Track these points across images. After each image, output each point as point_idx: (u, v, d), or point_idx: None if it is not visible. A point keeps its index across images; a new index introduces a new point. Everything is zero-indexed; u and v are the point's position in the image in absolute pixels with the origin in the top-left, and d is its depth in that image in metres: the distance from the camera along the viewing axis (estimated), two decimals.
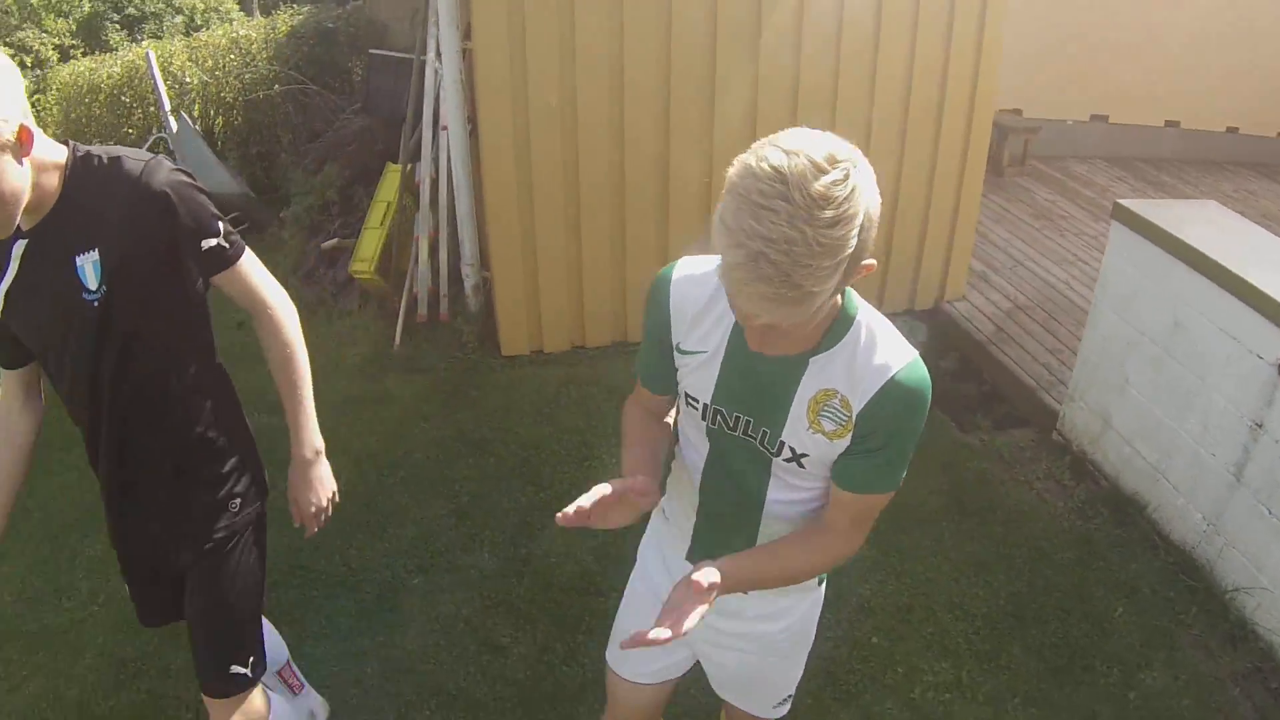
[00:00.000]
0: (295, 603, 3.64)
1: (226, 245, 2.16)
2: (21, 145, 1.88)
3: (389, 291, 5.60)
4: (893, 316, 4.83)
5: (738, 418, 1.93)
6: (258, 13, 13.08)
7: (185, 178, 2.10)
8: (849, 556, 1.94)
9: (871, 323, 1.80)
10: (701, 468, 2.09)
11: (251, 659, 2.45)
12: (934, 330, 5.35)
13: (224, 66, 8.07)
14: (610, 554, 3.73)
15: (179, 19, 13.56)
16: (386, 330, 5.45)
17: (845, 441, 1.81)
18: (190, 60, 8.23)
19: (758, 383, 1.88)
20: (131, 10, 13.48)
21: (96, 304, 2.10)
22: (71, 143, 2.07)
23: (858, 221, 1.48)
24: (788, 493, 1.97)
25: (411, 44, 5.79)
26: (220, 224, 2.13)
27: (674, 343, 1.97)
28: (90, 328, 2.15)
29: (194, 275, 2.14)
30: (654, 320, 1.97)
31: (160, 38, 10.96)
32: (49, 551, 4.28)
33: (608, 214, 4.92)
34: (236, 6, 14.33)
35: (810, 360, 1.80)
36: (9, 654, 3.70)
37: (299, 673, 3.07)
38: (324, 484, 2.41)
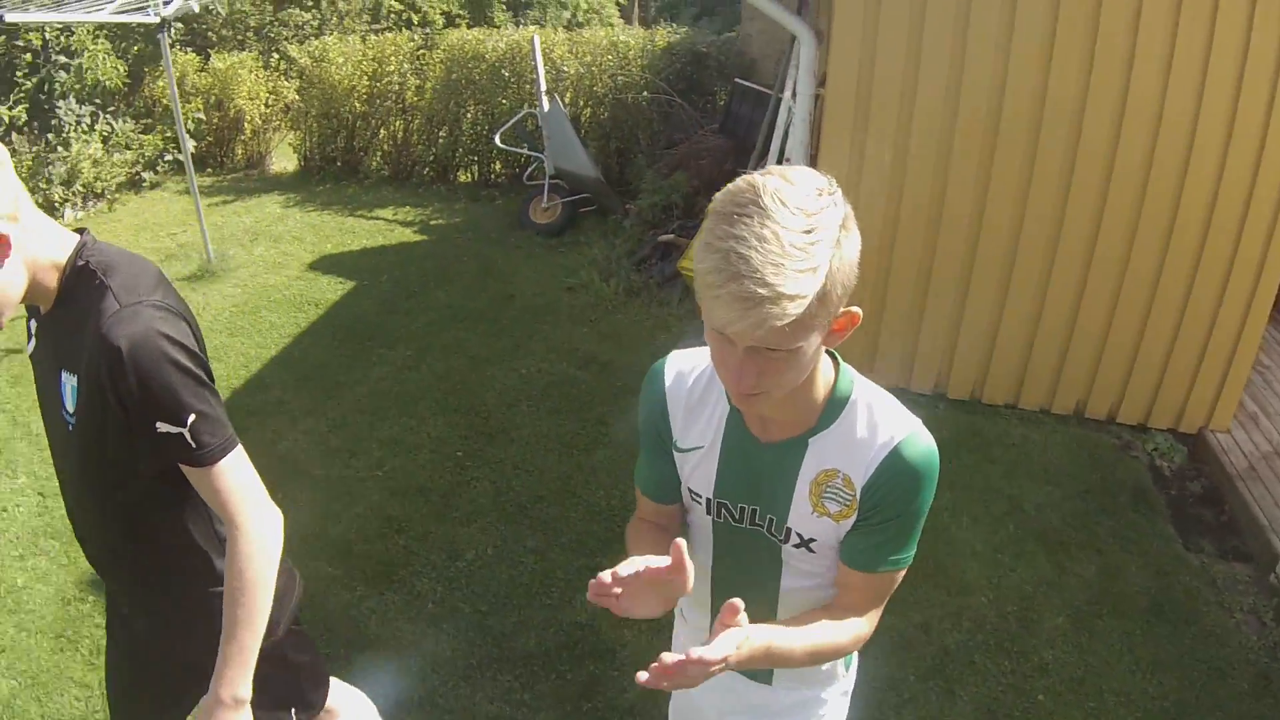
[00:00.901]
0: None
1: (192, 442, 1.87)
2: (2, 246, 1.77)
3: None
4: (1157, 432, 5.06)
5: (743, 509, 1.91)
6: (636, 23, 14.02)
7: (162, 342, 1.84)
8: (868, 638, 1.88)
9: (869, 398, 1.79)
10: (711, 565, 2.05)
11: None
12: (1192, 453, 5.50)
13: (600, 64, 8.77)
14: None
15: (564, 13, 14.65)
16: (696, 326, 6.01)
17: (851, 521, 1.79)
18: (570, 52, 9.00)
19: (759, 470, 1.86)
20: None
21: (71, 428, 1.99)
22: (81, 239, 1.94)
23: (830, 240, 1.49)
24: (801, 579, 1.92)
25: (773, 80, 6.33)
26: (190, 416, 1.85)
27: (673, 441, 1.94)
28: (66, 446, 2.08)
29: (141, 451, 1.89)
30: (649, 417, 1.94)
31: (543, 25, 11.89)
32: (354, 419, 5.21)
33: (918, 263, 5.22)
34: (617, 13, 15.37)
35: (809, 441, 1.79)
36: (293, 490, 4.54)
37: None
38: None
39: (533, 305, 6.74)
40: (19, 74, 9.68)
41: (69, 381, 1.95)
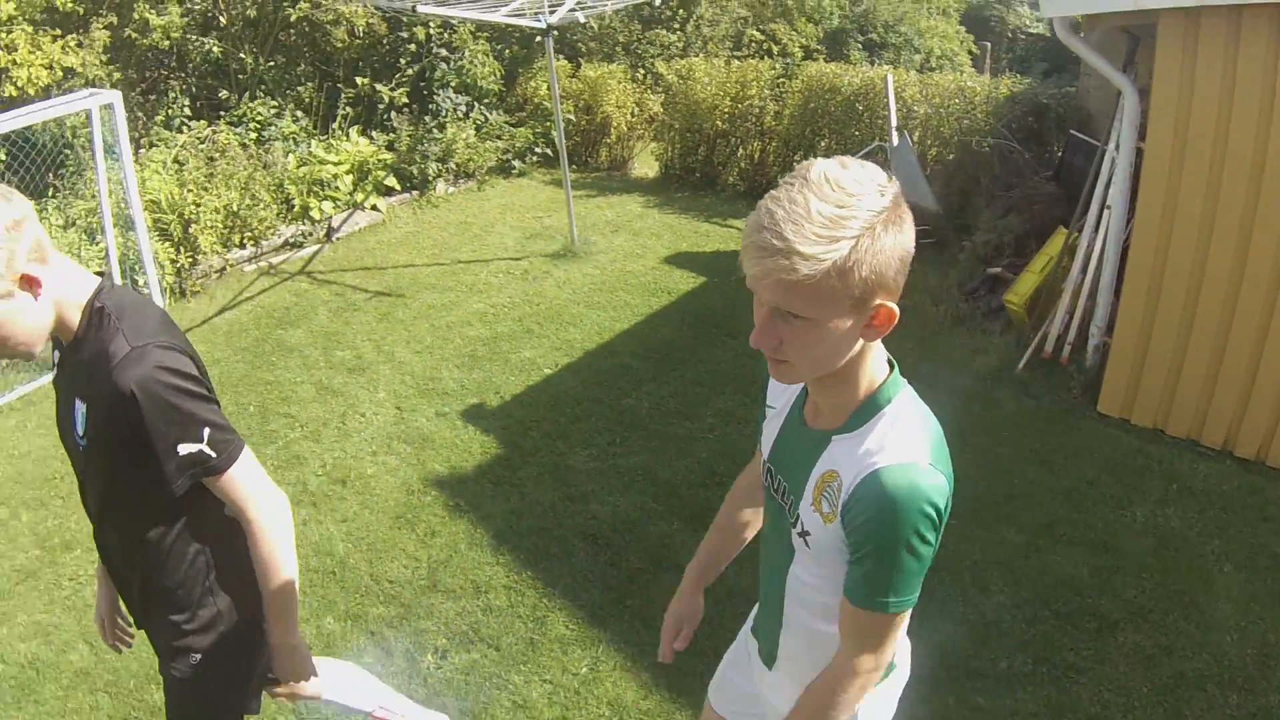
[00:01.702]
0: None
1: (212, 454, 2.14)
2: (31, 289, 2.02)
3: (1028, 326, 6.66)
4: None
5: (779, 481, 2.01)
6: (987, 72, 14.37)
7: (167, 376, 2.08)
8: (864, 682, 1.88)
9: (900, 414, 1.81)
10: (761, 529, 2.25)
11: None
12: None
13: (947, 107, 9.27)
14: None
15: (916, 57, 15.18)
16: (1013, 355, 6.56)
17: (836, 528, 1.81)
18: (920, 94, 9.53)
19: (798, 450, 1.95)
20: (874, 36, 15.18)
21: (82, 449, 2.25)
22: (99, 283, 2.18)
23: (863, 222, 1.59)
24: (805, 574, 1.98)
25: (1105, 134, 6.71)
26: (206, 429, 2.12)
27: (765, 397, 2.13)
28: (80, 463, 2.34)
29: (171, 474, 2.13)
30: (766, 374, 2.03)
31: (896, 66, 12.41)
32: (692, 390, 6.24)
33: (1218, 319, 5.29)
34: (969, 61, 15.73)
35: (833, 438, 1.84)
36: (630, 437, 5.69)
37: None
38: (301, 669, 2.57)
39: None
40: (402, 60, 11.10)
41: (80, 408, 2.17)
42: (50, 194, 8.55)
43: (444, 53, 11.25)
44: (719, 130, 11.10)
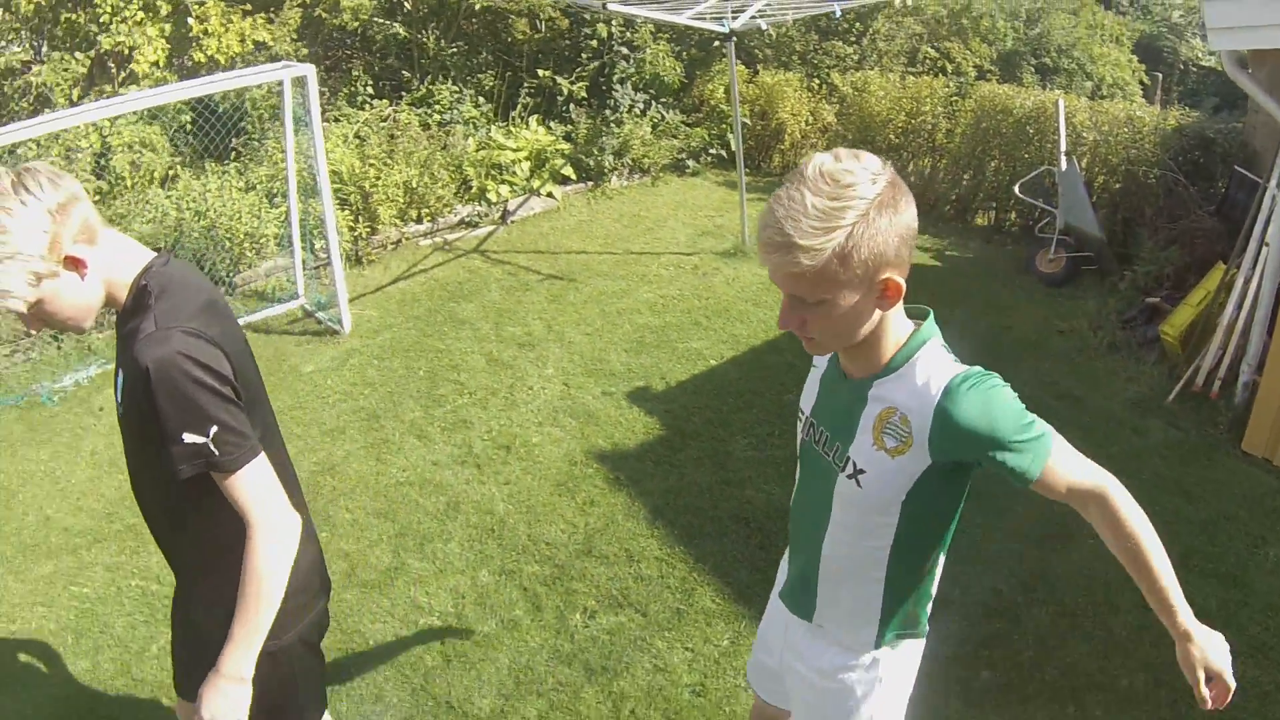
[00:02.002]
0: None
1: (215, 451, 2.11)
2: (77, 269, 2.11)
3: (1181, 359, 6.80)
4: None
5: (822, 431, 2.17)
6: (1157, 102, 14.24)
7: (185, 363, 2.08)
8: (1119, 489, 1.98)
9: (931, 356, 2.00)
10: (796, 485, 2.36)
11: None
12: None
13: (1116, 135, 9.27)
14: None
15: (1088, 84, 15.08)
16: (1165, 386, 6.71)
17: (915, 454, 1.96)
18: (1090, 120, 9.54)
19: (839, 400, 2.13)
20: (1047, 60, 15.11)
21: (120, 414, 2.31)
22: (150, 261, 2.25)
23: (858, 210, 1.77)
24: (845, 515, 2.13)
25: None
26: (214, 427, 2.10)
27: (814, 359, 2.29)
28: (122, 427, 2.36)
29: (174, 458, 2.11)
30: None
31: (1067, 91, 12.39)
32: None
33: None
34: (1139, 91, 15.59)
35: (874, 382, 2.02)
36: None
37: None
38: (227, 707, 2.19)
39: (1025, 338, 7.64)
40: (584, 55, 11.48)
41: (120, 376, 2.23)
42: (232, 158, 9.24)
43: (624, 50, 11.66)
44: (891, 144, 11.21)
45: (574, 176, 11.05)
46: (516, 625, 4.58)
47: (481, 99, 11.37)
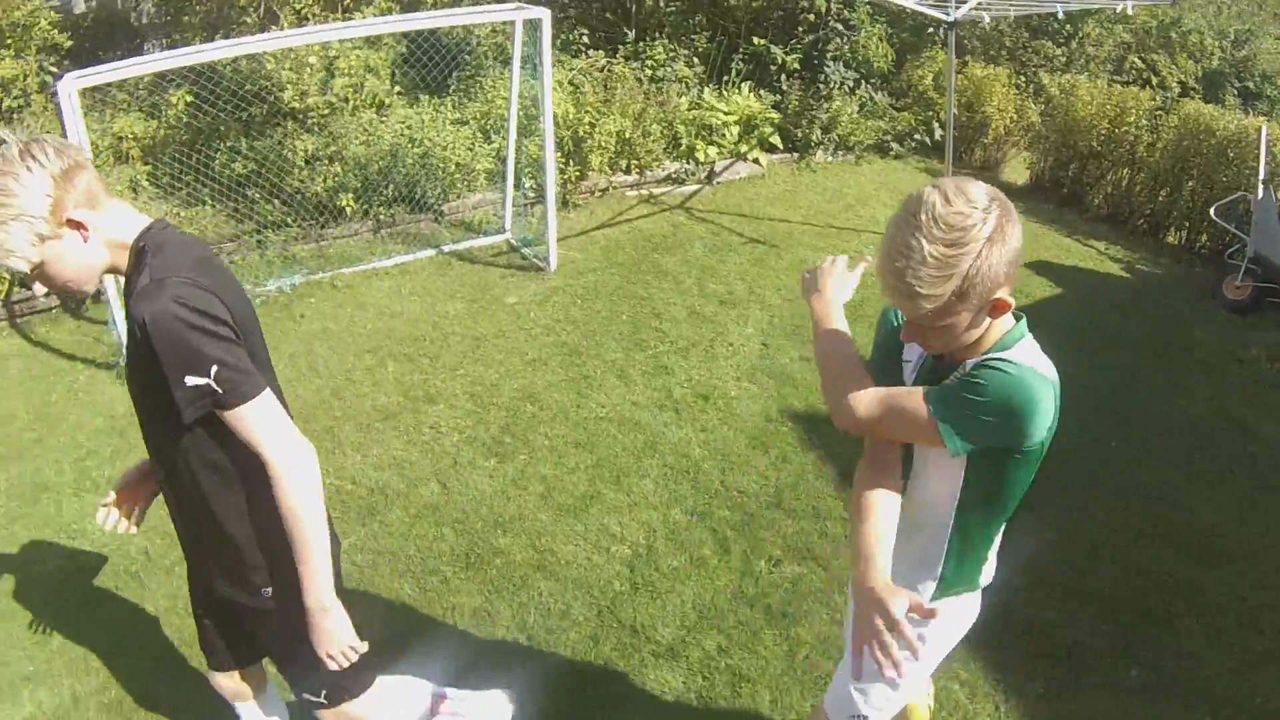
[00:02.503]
0: None
1: (219, 389, 2.14)
2: (79, 231, 2.16)
3: None
4: None
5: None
6: None
7: (179, 309, 2.10)
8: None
9: (1023, 353, 2.07)
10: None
11: (325, 691, 2.71)
12: None
13: None
14: None
15: None
16: None
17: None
18: None
19: (936, 380, 2.20)
20: (1250, 84, 14.80)
21: (127, 374, 2.39)
22: (148, 225, 2.28)
23: (972, 252, 1.81)
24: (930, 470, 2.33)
25: None
26: (214, 366, 2.12)
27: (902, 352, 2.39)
28: (128, 384, 2.45)
29: (180, 402, 2.15)
30: (885, 332, 2.40)
31: (1269, 119, 12.14)
32: None
33: None
34: None
35: (967, 364, 2.11)
36: None
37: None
38: (330, 638, 2.39)
39: (1204, 361, 7.70)
40: (799, 29, 11.48)
41: (126, 335, 2.53)
42: (451, 90, 9.59)
43: (840, 28, 11.67)
44: (1093, 150, 11.17)
45: (780, 146, 11.20)
46: (704, 564, 4.81)
47: (695, 59, 11.58)
